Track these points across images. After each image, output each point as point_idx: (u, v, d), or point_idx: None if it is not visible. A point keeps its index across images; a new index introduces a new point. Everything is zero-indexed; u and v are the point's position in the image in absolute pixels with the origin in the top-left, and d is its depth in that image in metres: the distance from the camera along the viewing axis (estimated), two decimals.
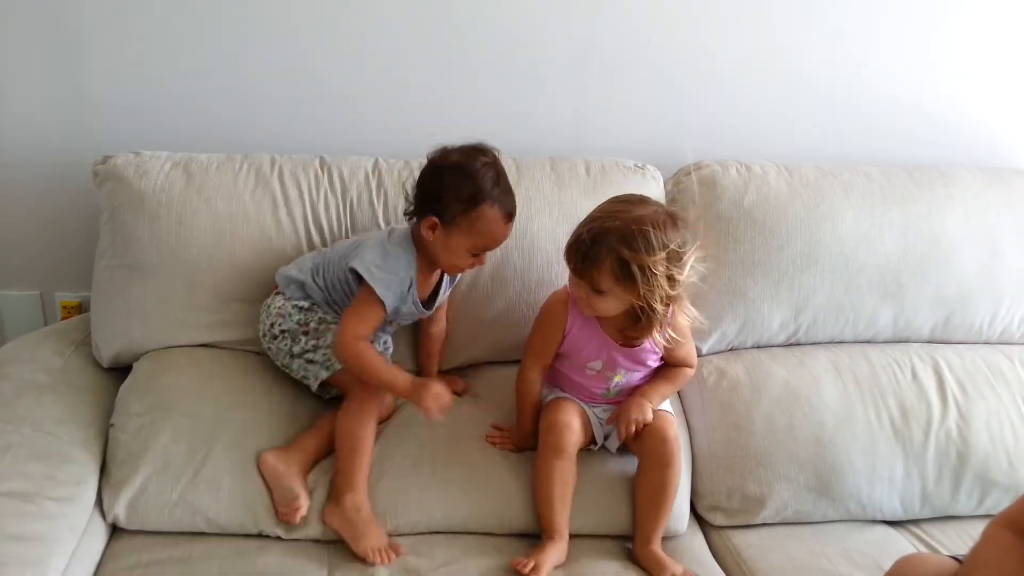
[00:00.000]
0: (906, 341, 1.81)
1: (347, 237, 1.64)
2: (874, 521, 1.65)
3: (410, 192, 1.51)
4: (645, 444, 1.53)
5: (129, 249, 1.58)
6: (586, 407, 1.58)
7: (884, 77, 1.92)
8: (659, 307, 1.41)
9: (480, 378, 1.72)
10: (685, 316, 1.51)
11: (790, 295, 1.71)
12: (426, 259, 1.50)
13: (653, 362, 1.56)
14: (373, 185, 1.66)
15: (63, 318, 1.93)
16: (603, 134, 1.89)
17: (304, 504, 1.43)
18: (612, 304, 1.43)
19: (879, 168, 1.80)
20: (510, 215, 1.45)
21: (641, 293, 1.38)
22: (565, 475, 1.49)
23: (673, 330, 1.50)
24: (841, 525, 1.63)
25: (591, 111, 1.87)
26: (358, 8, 1.75)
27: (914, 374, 1.72)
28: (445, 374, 1.71)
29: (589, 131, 1.87)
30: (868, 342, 1.80)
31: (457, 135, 1.49)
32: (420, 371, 1.69)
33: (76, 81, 1.76)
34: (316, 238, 1.63)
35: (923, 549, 1.58)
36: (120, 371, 1.63)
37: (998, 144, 1.99)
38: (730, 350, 1.77)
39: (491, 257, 1.60)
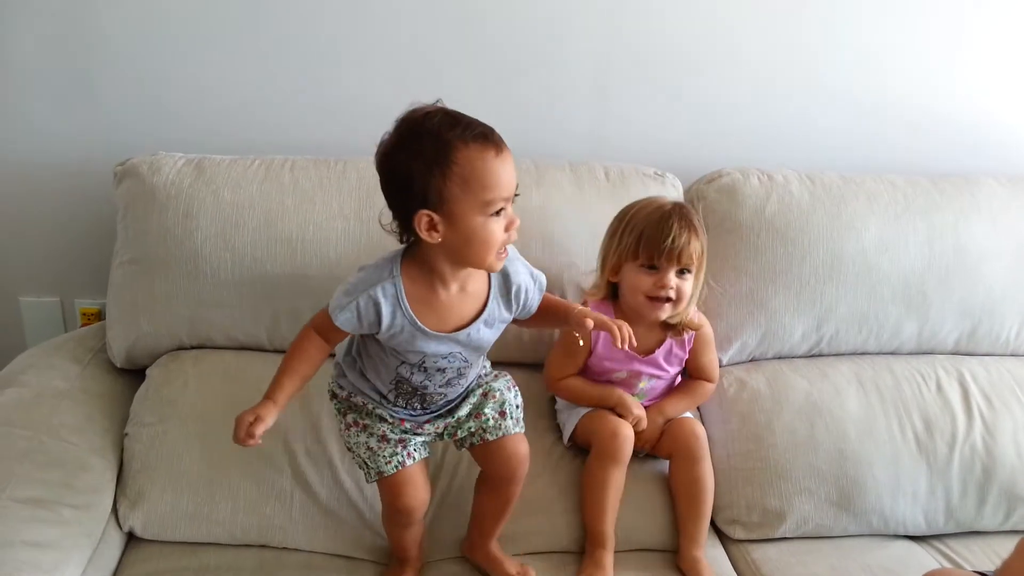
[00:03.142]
0: (931, 353, 1.78)
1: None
2: (896, 536, 1.62)
3: (384, 221, 1.24)
4: (674, 441, 1.54)
5: (139, 243, 1.58)
6: None
7: (909, 84, 1.89)
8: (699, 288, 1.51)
9: None
10: (707, 324, 1.57)
11: (812, 306, 1.68)
12: (439, 271, 1.23)
13: (675, 368, 1.56)
14: None
15: (83, 325, 1.94)
16: (623, 140, 1.87)
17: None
18: (693, 284, 1.48)
19: (903, 177, 1.77)
20: (493, 142, 1.15)
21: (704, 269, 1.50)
22: (619, 483, 1.49)
23: (698, 337, 1.56)
24: (863, 540, 1.61)
25: (611, 117, 1.86)
26: (381, 12, 1.75)
27: (939, 386, 1.69)
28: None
29: (609, 137, 1.87)
30: (892, 354, 1.77)
31: None
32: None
33: (96, 89, 1.77)
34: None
35: (947, 565, 1.55)
36: (138, 377, 1.63)
37: None
38: (751, 361, 1.75)
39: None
